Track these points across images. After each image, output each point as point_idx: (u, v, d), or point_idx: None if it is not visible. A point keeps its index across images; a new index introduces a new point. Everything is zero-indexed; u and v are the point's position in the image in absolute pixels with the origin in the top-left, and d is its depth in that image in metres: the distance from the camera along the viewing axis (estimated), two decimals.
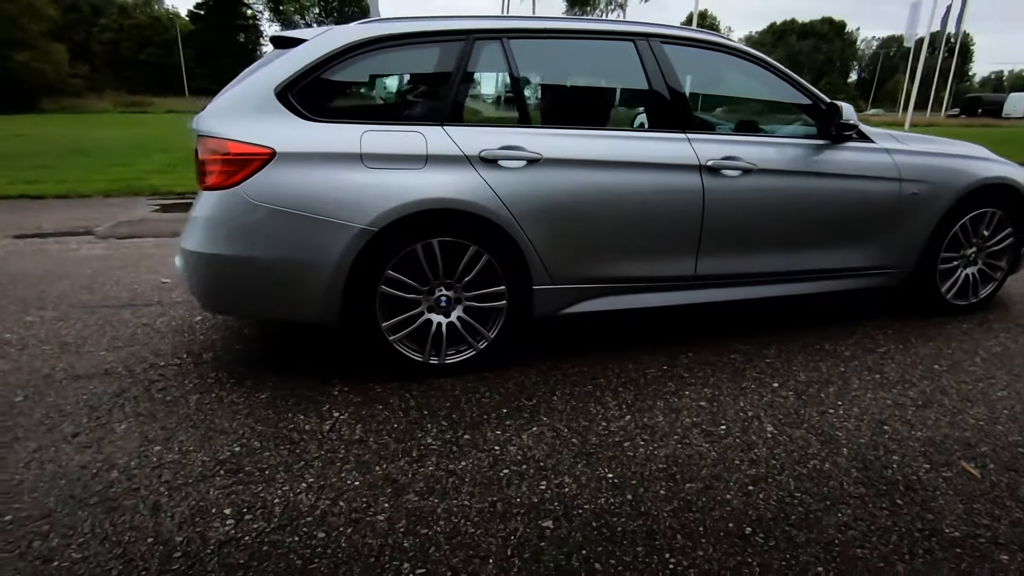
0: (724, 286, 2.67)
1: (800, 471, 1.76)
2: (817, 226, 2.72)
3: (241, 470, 1.76)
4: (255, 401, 2.17)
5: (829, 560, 1.40)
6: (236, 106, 2.15)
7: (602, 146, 2.39)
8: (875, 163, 2.73)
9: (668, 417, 2.07)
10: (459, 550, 1.44)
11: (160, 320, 3.02)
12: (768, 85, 2.73)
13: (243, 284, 2.20)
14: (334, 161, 2.13)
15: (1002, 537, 1.48)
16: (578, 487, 1.68)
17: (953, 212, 2.89)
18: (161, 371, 2.43)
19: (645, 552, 1.43)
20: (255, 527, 1.52)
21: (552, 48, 2.47)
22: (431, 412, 2.10)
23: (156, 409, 2.12)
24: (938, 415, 2.08)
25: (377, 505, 1.61)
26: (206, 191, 2.15)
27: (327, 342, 2.68)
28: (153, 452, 1.85)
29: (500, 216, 2.23)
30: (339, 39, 2.21)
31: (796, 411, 2.11)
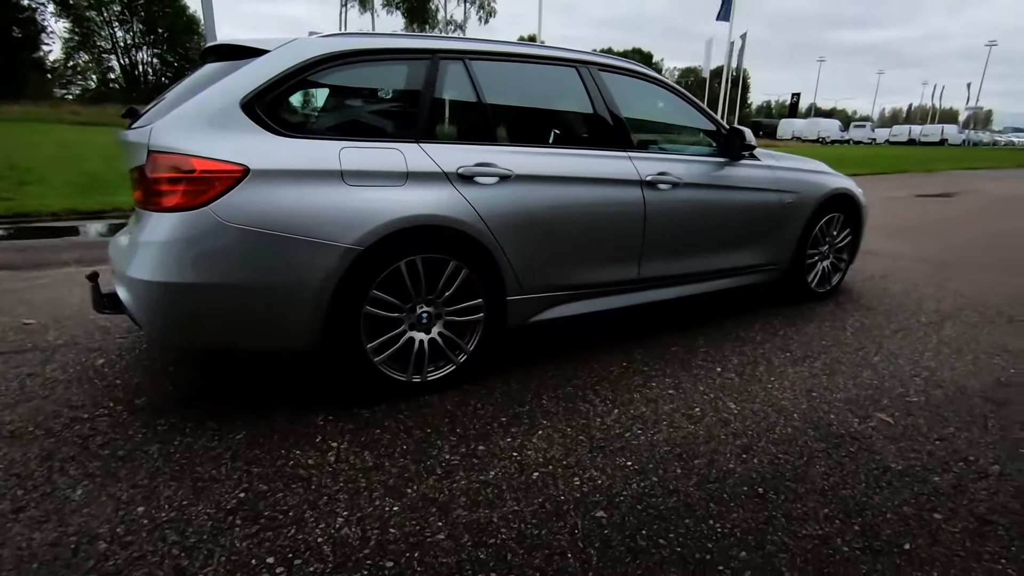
0: (660, 287, 3.00)
1: (772, 437, 2.08)
2: (727, 231, 3.18)
3: (260, 516, 1.61)
4: (233, 442, 1.97)
5: (828, 502, 1.71)
6: (197, 120, 1.95)
7: (563, 163, 2.57)
8: (764, 177, 3.28)
9: (649, 407, 2.29)
10: (535, 551, 1.49)
11: (49, 367, 2.56)
12: (681, 111, 3.14)
13: (213, 314, 1.99)
14: (313, 179, 2.03)
15: (929, 464, 1.92)
16: (607, 478, 1.81)
17: (814, 217, 3.55)
18: (90, 424, 2.08)
19: (693, 522, 1.61)
20: (312, 571, 1.42)
21: (510, 70, 2.59)
22: (434, 430, 2.09)
23: (111, 467, 1.83)
24: (844, 380, 2.58)
25: (430, 525, 1.59)
26: (160, 212, 1.92)
27: (268, 371, 2.50)
28: (139, 513, 1.61)
29: (478, 231, 2.30)
30: (305, 51, 2.12)
31: (745, 389, 2.47)
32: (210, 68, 2.27)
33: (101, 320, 3.16)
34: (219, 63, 2.25)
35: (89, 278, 2.51)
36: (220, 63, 2.23)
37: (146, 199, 1.96)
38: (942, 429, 2.15)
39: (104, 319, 3.17)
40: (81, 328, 3.04)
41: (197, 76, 2.29)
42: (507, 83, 2.58)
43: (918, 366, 2.74)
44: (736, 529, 1.58)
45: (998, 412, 2.29)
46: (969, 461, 1.94)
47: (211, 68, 2.25)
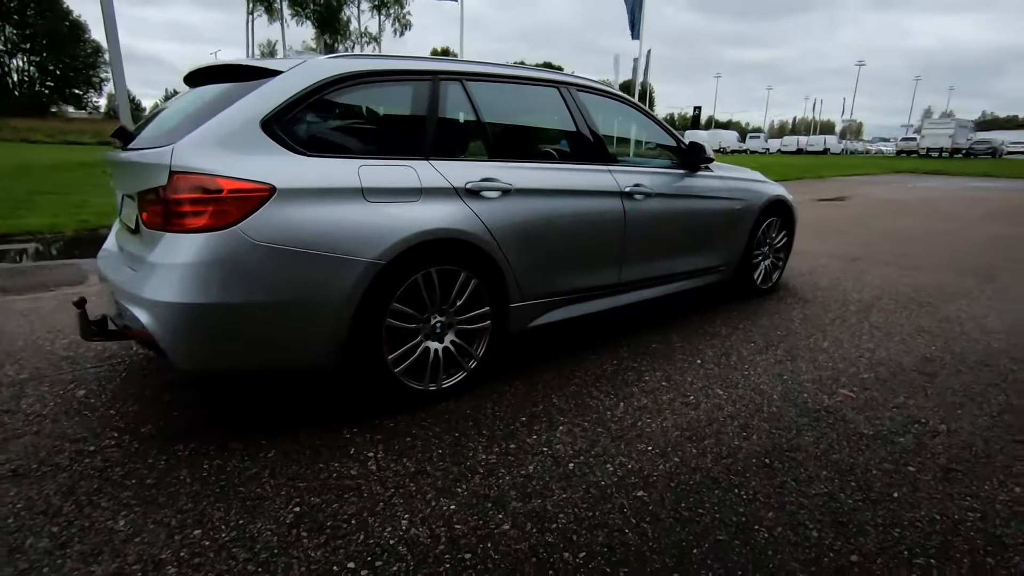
0: (637, 289, 3.25)
1: (763, 416, 2.35)
2: (690, 236, 3.49)
3: (324, 526, 1.65)
4: (267, 461, 1.97)
5: (824, 466, 1.98)
6: (219, 140, 1.94)
7: (555, 177, 2.75)
8: (718, 187, 3.63)
9: (649, 398, 2.51)
10: (596, 531, 1.64)
11: (25, 403, 2.40)
12: (646, 126, 3.43)
13: (242, 334, 1.98)
14: (336, 196, 2.08)
15: (893, 428, 2.25)
16: (635, 462, 2.00)
17: (758, 221, 3.96)
18: (101, 456, 2.00)
19: (720, 492, 1.82)
20: (395, 570, 1.49)
21: (501, 90, 2.74)
22: (462, 433, 2.18)
23: (145, 495, 1.78)
24: (804, 363, 2.93)
25: (492, 518, 1.69)
26: (184, 233, 1.90)
27: (266, 390, 2.49)
28: (197, 536, 1.60)
29: (485, 242, 2.42)
30: (319, 72, 2.17)
31: (727, 377, 2.74)
32: (214, 89, 2.25)
33: (61, 350, 2.97)
34: (224, 84, 2.24)
35: (76, 304, 2.39)
36: (226, 84, 2.22)
37: (165, 220, 1.93)
38: (894, 399, 2.52)
39: (65, 349, 2.99)
40: (42, 360, 2.85)
41: (199, 98, 2.27)
42: (499, 102, 2.73)
43: (860, 348, 3.15)
44: (758, 495, 1.81)
45: (932, 382, 2.70)
46: (922, 423, 2.30)
47: (216, 89, 2.24)
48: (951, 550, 1.57)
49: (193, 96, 2.37)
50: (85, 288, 4.18)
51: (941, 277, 4.87)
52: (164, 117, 2.45)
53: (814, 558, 1.54)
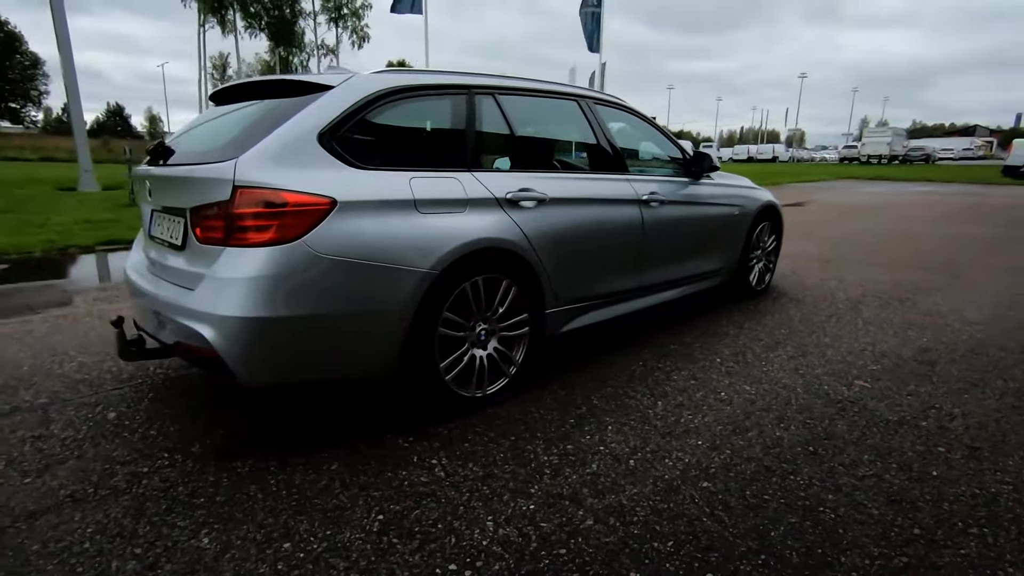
0: (652, 293, 3.38)
1: (793, 408, 2.49)
2: (697, 241, 3.65)
3: (413, 532, 1.68)
4: (333, 473, 1.98)
5: (864, 450, 2.12)
6: (279, 154, 1.95)
7: (583, 186, 2.85)
8: (719, 194, 3.81)
9: (684, 396, 2.62)
10: (676, 520, 1.72)
11: (55, 428, 2.32)
12: (653, 136, 3.58)
13: (307, 346, 1.99)
14: (391, 208, 2.12)
15: (913, 413, 2.43)
16: (690, 456, 2.09)
17: (752, 226, 4.17)
18: (159, 476, 1.96)
19: (778, 479, 1.94)
20: (497, 569, 1.53)
21: (528, 103, 2.82)
22: (517, 436, 2.23)
23: (220, 512, 1.76)
24: (815, 358, 3.10)
25: (574, 515, 1.75)
26: (248, 248, 1.90)
27: (305, 403, 2.49)
28: (288, 549, 1.60)
29: (525, 250, 2.49)
30: (368, 87, 2.21)
31: (748, 373, 2.88)
32: (261, 105, 2.26)
33: (73, 373, 2.88)
34: (271, 100, 2.24)
35: (114, 324, 2.34)
36: (273, 100, 2.23)
37: (227, 235, 1.92)
38: (905, 387, 2.70)
39: (76, 372, 2.90)
40: (56, 383, 2.75)
41: (244, 113, 2.27)
42: (528, 115, 2.81)
43: (860, 342, 3.35)
44: (812, 480, 1.93)
45: (934, 371, 2.91)
46: (936, 408, 2.48)
47: (264, 105, 2.24)
48: (998, 519, 1.73)
49: (234, 111, 2.36)
50: (73, 309, 4.03)
51: (911, 274, 5.20)
52: (205, 132, 2.44)
53: (882, 533, 1.66)
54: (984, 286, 4.77)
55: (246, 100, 2.45)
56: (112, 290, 4.66)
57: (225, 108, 2.49)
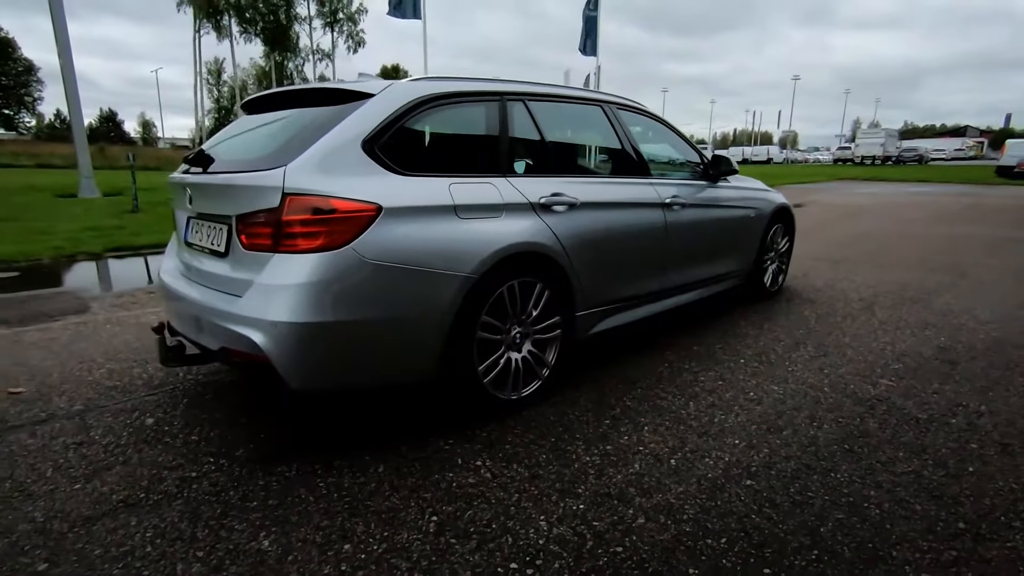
0: (674, 296, 3.42)
1: (824, 407, 2.53)
2: (716, 243, 3.70)
3: (469, 532, 1.70)
4: (381, 476, 2.00)
5: (898, 447, 2.17)
6: (326, 162, 1.98)
7: (610, 190, 2.89)
8: (735, 196, 3.86)
9: (714, 396, 2.65)
10: (727, 518, 1.76)
11: (95, 434, 2.34)
12: (671, 140, 3.63)
13: (354, 351, 2.01)
14: (433, 213, 2.15)
15: (941, 411, 2.47)
16: (730, 455, 2.13)
17: (767, 228, 4.22)
18: (208, 481, 1.98)
19: (820, 476, 1.97)
20: (557, 566, 1.56)
21: (556, 109, 2.87)
22: (557, 438, 2.26)
23: (275, 515, 1.79)
24: (837, 358, 3.15)
25: (624, 514, 1.78)
26: (297, 254, 1.92)
27: (339, 408, 2.51)
28: (348, 551, 1.63)
29: (557, 254, 2.53)
30: (408, 94, 2.24)
31: (774, 374, 2.93)
32: (302, 112, 2.29)
33: (103, 380, 2.89)
34: (311, 108, 2.28)
35: (155, 330, 2.36)
36: (313, 108, 2.26)
37: (275, 241, 1.95)
38: (930, 386, 2.75)
39: (106, 378, 2.91)
40: (88, 390, 2.76)
41: (285, 120, 2.30)
42: (556, 121, 2.85)
43: (880, 342, 3.40)
44: (853, 477, 1.97)
45: (955, 369, 2.97)
46: (963, 406, 2.53)
47: (306, 113, 2.27)
48: None
49: (273, 120, 2.39)
50: (91, 316, 4.04)
51: (918, 275, 5.27)
52: (245, 141, 2.46)
53: (928, 527, 1.70)
54: (991, 286, 4.84)
55: (280, 108, 2.48)
56: (128, 297, 4.65)
57: (262, 116, 2.52)
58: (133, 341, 3.47)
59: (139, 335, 3.58)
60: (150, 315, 4.04)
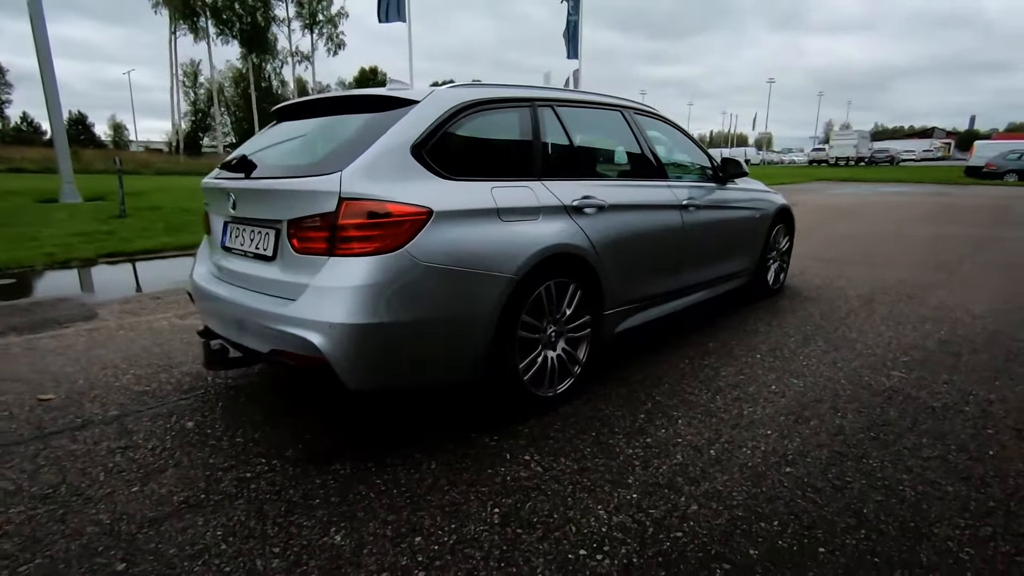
0: (689, 295, 3.53)
1: (844, 398, 2.65)
2: (727, 243, 3.82)
3: (533, 523, 1.77)
4: (433, 472, 2.06)
5: (921, 434, 2.29)
6: (379, 167, 2.04)
7: (634, 193, 2.99)
8: (743, 198, 3.99)
9: (738, 390, 2.76)
10: (775, 501, 1.85)
11: (137, 438, 2.35)
12: (682, 142, 3.74)
13: (407, 351, 2.07)
14: (478, 216, 2.22)
15: (954, 400, 2.61)
16: (765, 444, 2.23)
17: (770, 228, 4.36)
18: (266, 480, 2.02)
19: (853, 463, 2.09)
20: (624, 551, 1.64)
21: (581, 114, 2.95)
22: (597, 432, 2.34)
23: (340, 511, 1.84)
24: (847, 352, 3.28)
25: (676, 502, 1.87)
26: (353, 257, 1.98)
27: (375, 408, 2.56)
28: (420, 544, 1.69)
29: (590, 255, 2.61)
30: (450, 100, 2.31)
31: (791, 368, 3.05)
32: (350, 119, 2.35)
33: (132, 385, 2.89)
34: (356, 114, 2.33)
35: (201, 335, 2.38)
36: (359, 114, 2.31)
37: (331, 245, 1.99)
38: (939, 377, 2.90)
39: (135, 383, 2.91)
40: (119, 396, 2.76)
41: (331, 127, 2.35)
42: (582, 125, 2.93)
43: (884, 336, 3.56)
44: (885, 462, 2.09)
45: (959, 361, 3.12)
46: (974, 394, 2.68)
47: (354, 119, 2.33)
48: None
49: (317, 126, 2.43)
50: (102, 322, 4.01)
51: (909, 272, 5.48)
52: (290, 147, 2.50)
53: (962, 506, 1.82)
54: (979, 282, 5.06)
55: (318, 115, 2.53)
56: (134, 302, 4.62)
57: (301, 123, 2.56)
58: (152, 346, 3.47)
59: (157, 340, 3.57)
60: (161, 320, 4.03)
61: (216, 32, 38.60)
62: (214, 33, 38.28)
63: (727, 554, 1.62)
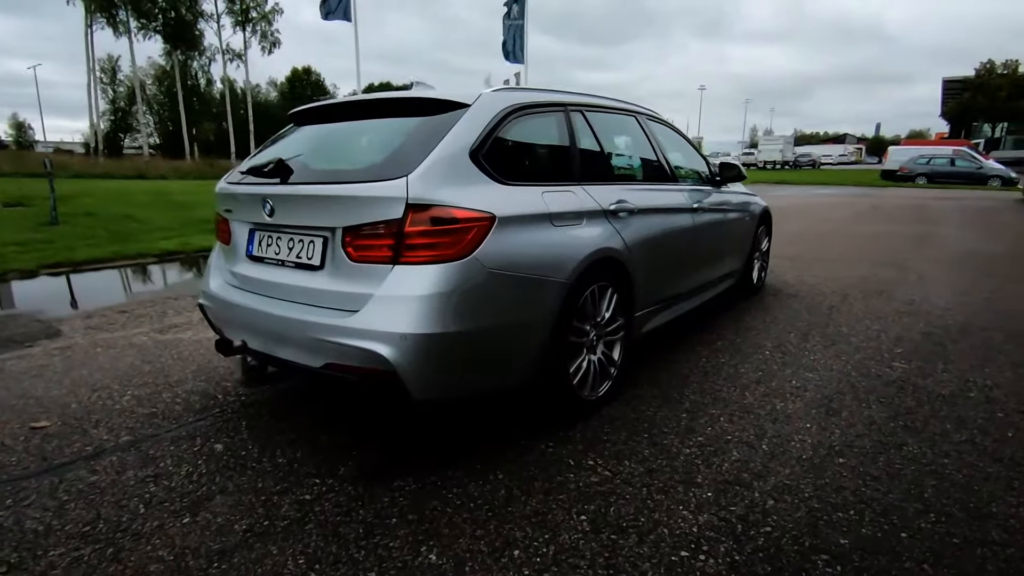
0: (699, 294, 3.63)
1: (862, 389, 2.81)
2: (726, 244, 3.97)
3: (623, 527, 1.77)
4: (502, 483, 2.02)
5: (944, 420, 2.46)
6: (443, 172, 1.98)
7: (656, 197, 3.05)
8: (735, 201, 4.15)
9: (763, 386, 2.86)
10: (842, 492, 1.93)
11: (164, 464, 2.18)
12: (682, 146, 3.85)
13: (471, 360, 2.02)
14: (534, 222, 2.20)
15: (958, 388, 2.82)
16: (810, 438, 2.32)
17: (756, 229, 4.56)
18: (329, 500, 1.92)
19: (896, 450, 2.21)
20: (723, 549, 1.67)
21: (606, 119, 2.97)
22: (648, 433, 2.37)
23: (423, 528, 1.77)
24: (846, 346, 3.48)
25: (751, 498, 1.92)
26: (419, 265, 1.91)
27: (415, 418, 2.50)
28: (519, 557, 1.65)
29: (625, 258, 2.64)
30: (498, 104, 2.27)
31: (801, 363, 3.20)
32: (395, 123, 2.28)
33: (135, 407, 2.69)
34: (409, 118, 2.25)
35: (240, 350, 2.23)
36: (412, 118, 2.24)
37: (396, 253, 1.92)
38: (935, 366, 3.12)
39: (137, 405, 2.70)
40: (124, 419, 2.56)
41: (377, 132, 2.27)
42: (607, 130, 2.96)
43: (872, 329, 3.79)
44: (924, 448, 2.23)
45: (946, 351, 3.37)
46: (972, 381, 2.90)
47: (404, 123, 2.25)
48: None
49: (357, 130, 2.34)
50: (69, 340, 3.68)
51: (868, 269, 5.87)
52: (328, 152, 2.39)
53: (1007, 485, 1.97)
54: (932, 277, 5.49)
55: (347, 119, 2.43)
56: (98, 317, 4.26)
57: (332, 127, 2.45)
58: (141, 364, 3.22)
59: (144, 358, 3.32)
60: (140, 336, 3.75)
61: (137, 26, 36.23)
62: (135, 27, 35.91)
63: (821, 545, 1.68)
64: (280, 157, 2.22)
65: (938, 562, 1.61)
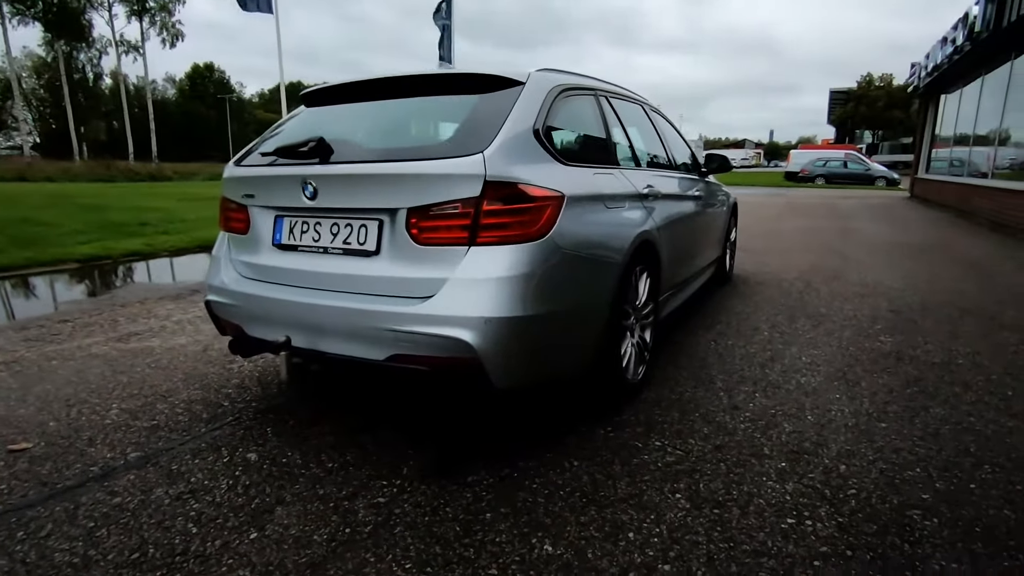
0: (695, 280, 3.74)
1: (865, 362, 2.99)
2: (714, 231, 4.11)
3: (721, 502, 1.77)
4: (581, 469, 1.97)
5: (952, 384, 2.66)
6: (515, 150, 1.89)
7: (672, 183, 3.11)
8: (717, 191, 4.31)
9: (778, 363, 2.98)
10: (900, 452, 2.04)
11: (197, 478, 1.95)
12: (675, 138, 3.94)
13: (549, 344, 1.95)
14: (593, 202, 2.16)
15: (945, 357, 3.07)
16: (847, 407, 2.44)
17: (729, 218, 4.77)
18: (409, 502, 1.79)
19: (924, 413, 2.37)
20: (823, 512, 1.71)
21: (624, 106, 2.98)
22: (697, 412, 2.39)
23: (524, 520, 1.68)
24: (832, 325, 3.70)
25: (823, 465, 1.98)
26: (497, 246, 1.82)
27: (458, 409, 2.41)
28: (631, 537, 1.60)
29: (657, 241, 2.67)
30: (548, 84, 2.21)
31: (800, 341, 3.36)
32: (446, 101, 2.17)
33: (131, 421, 2.39)
34: (454, 96, 2.14)
35: (283, 347, 2.03)
36: (460, 96, 2.13)
37: (473, 233, 1.81)
38: (915, 339, 3.39)
39: (131, 418, 2.41)
40: (121, 434, 2.27)
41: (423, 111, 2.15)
42: (627, 117, 2.97)
43: (846, 310, 4.07)
44: (948, 410, 2.40)
45: (918, 326, 3.67)
46: (953, 351, 3.17)
47: (455, 101, 2.14)
48: None
49: (401, 108, 2.20)
50: (14, 354, 3.23)
51: (815, 258, 6.31)
52: (365, 131, 2.21)
53: None
54: (872, 263, 5.99)
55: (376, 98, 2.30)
56: (36, 328, 3.76)
57: (372, 105, 2.30)
58: (112, 376, 2.87)
59: (114, 368, 2.96)
60: (99, 346, 3.34)
61: (11, 11, 32.47)
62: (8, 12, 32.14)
63: (909, 501, 1.76)
64: (320, 136, 2.03)
65: (1015, 507, 1.73)
